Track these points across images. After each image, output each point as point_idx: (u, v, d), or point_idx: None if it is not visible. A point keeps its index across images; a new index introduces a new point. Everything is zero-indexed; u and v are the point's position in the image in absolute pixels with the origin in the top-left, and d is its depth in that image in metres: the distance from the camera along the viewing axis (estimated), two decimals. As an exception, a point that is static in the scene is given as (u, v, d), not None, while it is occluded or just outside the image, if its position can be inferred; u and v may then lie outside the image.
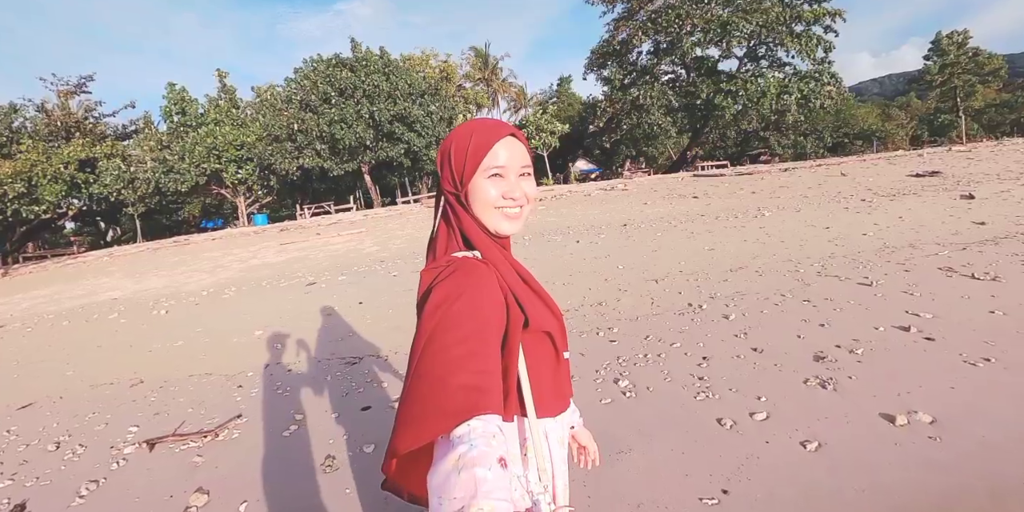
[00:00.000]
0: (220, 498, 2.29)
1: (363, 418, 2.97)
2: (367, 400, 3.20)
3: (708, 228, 7.74)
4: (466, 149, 0.80)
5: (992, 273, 4.34)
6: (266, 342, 4.80)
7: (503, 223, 0.83)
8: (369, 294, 6.47)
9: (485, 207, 0.81)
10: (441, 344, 0.67)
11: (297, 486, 2.33)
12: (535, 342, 0.83)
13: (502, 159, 0.80)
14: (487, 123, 0.83)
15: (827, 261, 5.28)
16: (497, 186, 0.81)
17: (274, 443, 2.79)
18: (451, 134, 0.84)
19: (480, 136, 0.80)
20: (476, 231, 0.82)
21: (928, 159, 15.45)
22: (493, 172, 0.80)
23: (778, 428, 2.39)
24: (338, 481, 2.33)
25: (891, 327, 3.42)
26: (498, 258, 0.82)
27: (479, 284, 0.74)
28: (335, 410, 3.13)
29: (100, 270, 14.90)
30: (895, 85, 68.06)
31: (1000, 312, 3.48)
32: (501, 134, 0.81)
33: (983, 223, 6.48)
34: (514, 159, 0.82)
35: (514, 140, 0.83)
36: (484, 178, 0.80)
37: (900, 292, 4.10)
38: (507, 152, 0.81)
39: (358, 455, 2.54)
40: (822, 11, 21.18)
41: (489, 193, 0.80)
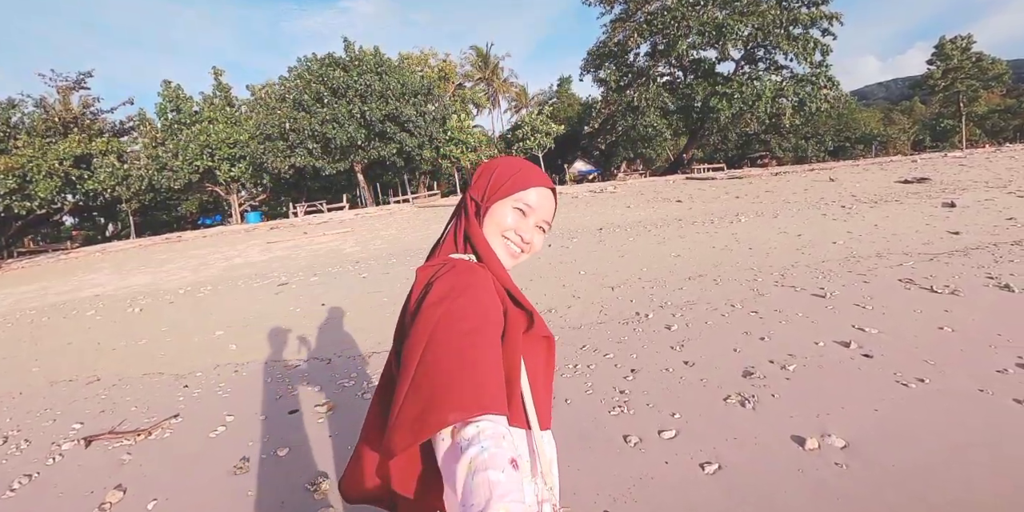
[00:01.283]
0: (134, 496, 2.35)
1: (287, 421, 3.00)
2: (297, 403, 3.24)
3: (681, 233, 7.64)
4: (512, 176, 0.84)
5: (952, 286, 4.24)
6: (223, 342, 4.88)
7: (503, 253, 0.86)
8: (335, 296, 6.49)
9: (495, 230, 0.84)
10: (446, 337, 0.66)
11: (205, 487, 2.37)
12: (533, 348, 0.82)
13: (534, 201, 0.85)
14: (534, 168, 0.88)
15: (788, 270, 5.19)
16: (515, 219, 0.84)
17: (199, 444, 2.84)
18: (499, 161, 0.89)
19: (527, 173, 0.85)
20: (482, 238, 0.84)
21: (921, 165, 15.31)
22: (521, 205, 0.84)
23: (682, 447, 2.31)
24: (243, 483, 2.36)
25: (832, 342, 3.33)
26: (496, 264, 0.82)
27: (478, 283, 0.75)
28: (264, 412, 3.16)
29: (90, 266, 14.95)
30: (900, 89, 67.67)
31: (949, 329, 3.38)
32: (545, 184, 0.87)
33: (957, 233, 6.36)
34: (543, 208, 0.86)
35: (551, 194, 0.88)
36: (509, 205, 0.84)
37: (852, 305, 4.01)
38: (541, 199, 0.86)
39: (270, 458, 2.57)
40: (819, 14, 21.00)
41: (506, 219, 0.84)
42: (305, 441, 2.71)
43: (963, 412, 2.37)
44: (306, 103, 18.36)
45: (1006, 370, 2.73)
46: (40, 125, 24.01)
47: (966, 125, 39.50)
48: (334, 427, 2.86)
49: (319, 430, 2.83)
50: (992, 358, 2.90)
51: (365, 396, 3.23)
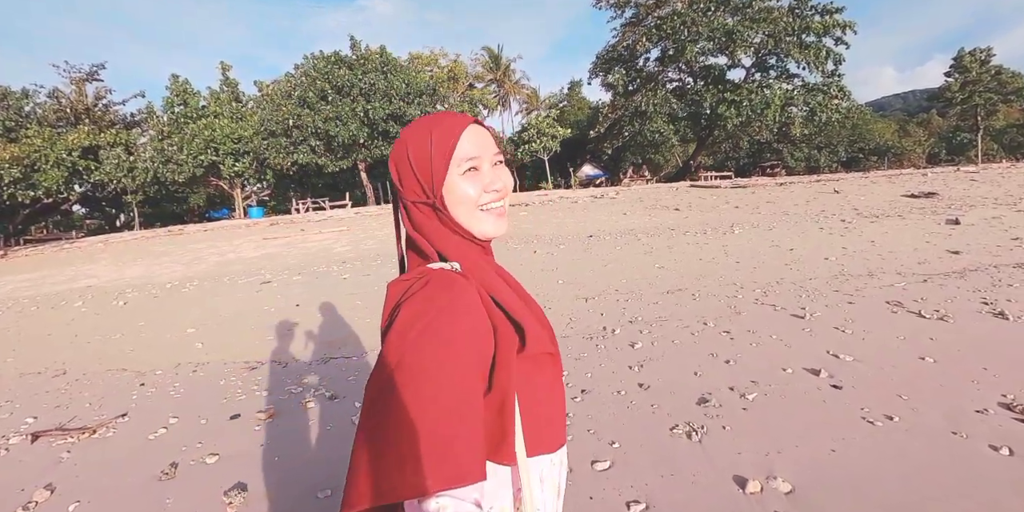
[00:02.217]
0: (59, 496, 2.34)
1: (225, 427, 2.95)
2: (241, 408, 3.19)
3: (670, 244, 7.41)
4: (429, 148, 0.69)
5: (943, 311, 4.00)
6: (192, 341, 4.86)
7: (489, 224, 0.73)
8: (311, 297, 6.43)
9: (468, 209, 0.71)
10: (407, 389, 0.56)
11: (128, 492, 2.34)
12: (534, 367, 0.71)
13: (474, 149, 0.71)
14: (443, 117, 0.73)
15: (772, 287, 4.96)
16: (475, 182, 0.71)
17: (136, 445, 2.81)
18: (403, 137, 0.73)
19: (441, 130, 0.70)
20: (451, 239, 0.72)
21: (930, 179, 14.91)
22: (468, 166, 0.70)
23: (613, 481, 2.12)
24: (165, 490, 2.33)
25: (801, 369, 3.11)
26: (481, 267, 0.71)
27: (454, 304, 0.62)
28: (206, 416, 3.11)
29: (90, 257, 15.05)
30: (918, 101, 66.56)
31: (931, 359, 3.14)
32: (464, 123, 0.71)
33: (957, 252, 6.09)
34: (485, 147, 0.72)
35: (479, 127, 0.73)
36: (459, 176, 0.70)
37: (832, 328, 3.79)
38: (476, 140, 0.71)
39: (198, 465, 2.52)
40: (832, 22, 20.61)
41: (468, 192, 0.70)
42: (236, 449, 2.65)
43: (929, 458, 2.15)
44: (310, 100, 18.35)
45: (986, 410, 2.50)
46: (51, 115, 24.27)
47: (983, 139, 38.64)
48: (267, 436, 2.78)
49: (252, 438, 2.77)
50: (973, 395, 2.67)
51: (308, 405, 3.14)
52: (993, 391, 2.71)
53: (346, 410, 3.02)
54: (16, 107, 23.32)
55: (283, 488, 2.26)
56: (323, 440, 2.70)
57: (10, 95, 23.35)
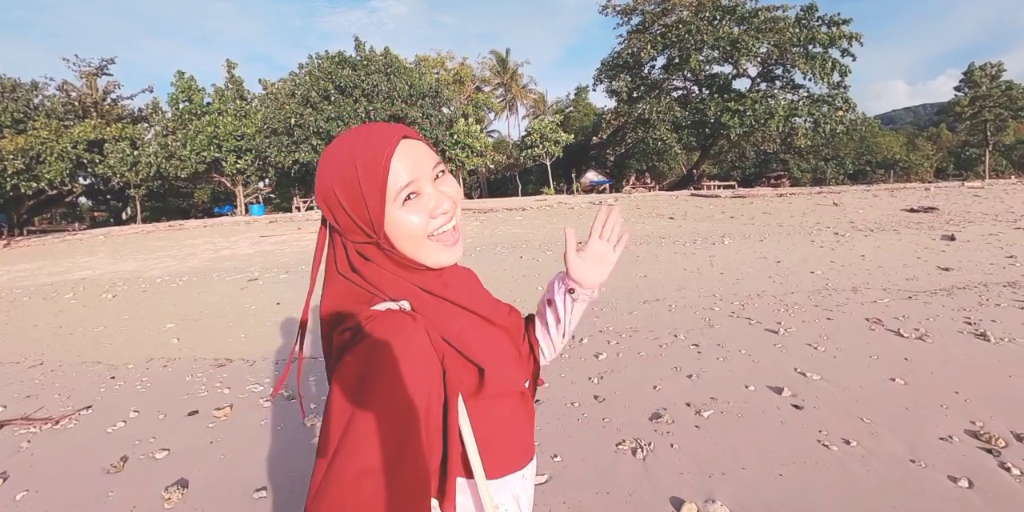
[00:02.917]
0: (11, 485, 2.36)
1: (181, 423, 2.96)
2: (201, 405, 3.20)
3: (657, 253, 7.32)
4: (357, 183, 0.60)
5: (922, 330, 3.89)
6: (169, 336, 4.89)
7: (442, 253, 0.66)
8: (294, 295, 6.44)
9: (415, 241, 0.64)
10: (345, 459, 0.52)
11: (75, 483, 2.36)
12: (493, 407, 0.68)
13: (409, 173, 0.62)
14: (364, 135, 0.62)
15: (751, 300, 4.86)
16: (418, 209, 0.63)
17: (93, 438, 2.83)
18: (324, 168, 0.63)
19: (366, 157, 0.60)
20: (397, 275, 0.66)
21: (933, 193, 14.74)
22: (407, 193, 0.62)
23: (545, 497, 2.03)
24: (109, 483, 2.33)
25: (764, 387, 3.02)
26: (433, 305, 0.65)
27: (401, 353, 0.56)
28: (166, 411, 3.13)
29: (90, 249, 15.19)
30: (928, 115, 66.28)
31: (902, 380, 3.03)
32: (391, 143, 0.61)
33: (948, 269, 5.96)
34: (421, 165, 0.63)
35: (410, 142, 0.63)
36: (398, 208, 0.62)
37: (805, 344, 3.68)
38: (410, 162, 0.62)
39: (146, 460, 2.53)
40: (839, 34, 20.49)
41: (413, 223, 0.63)
42: (186, 445, 2.66)
43: (881, 487, 2.04)
44: (313, 100, 18.41)
45: (950, 438, 2.38)
46: (60, 108, 24.52)
47: (992, 155, 38.29)
48: (219, 433, 2.78)
49: (204, 435, 2.77)
50: (939, 421, 2.56)
51: (265, 404, 3.15)
52: (961, 417, 2.60)
53: (299, 410, 3.04)
54: (25, 99, 23.57)
55: (222, 486, 2.26)
56: (271, 440, 2.69)
57: (20, 87, 23.61)
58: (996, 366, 3.20)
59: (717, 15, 21.20)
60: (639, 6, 23.95)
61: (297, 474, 2.33)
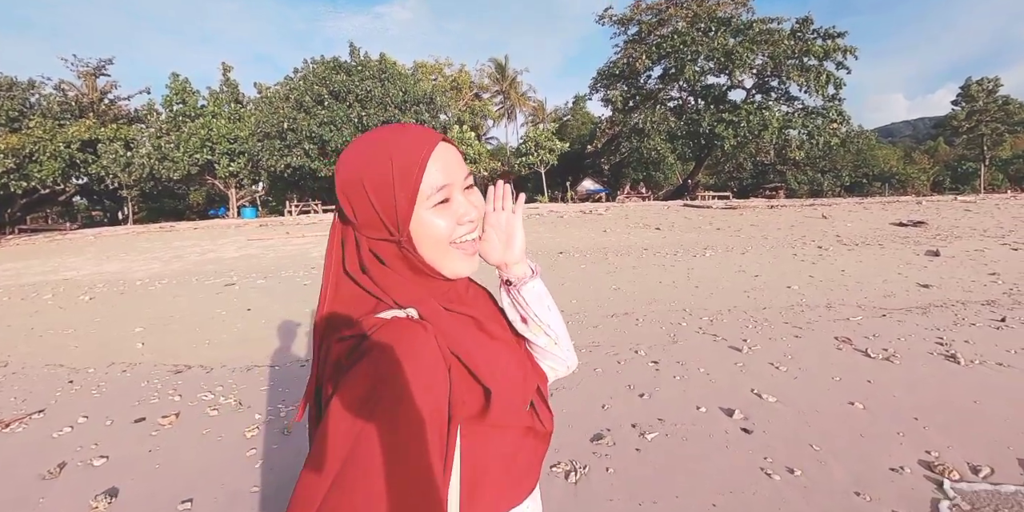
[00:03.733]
0: None
1: (126, 430, 2.92)
2: (150, 411, 3.16)
3: (636, 264, 7.22)
4: (390, 179, 0.58)
5: (891, 350, 3.77)
6: (135, 340, 4.86)
7: (460, 263, 0.64)
8: (266, 302, 6.39)
9: (438, 246, 0.62)
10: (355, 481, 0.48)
11: (8, 488, 2.34)
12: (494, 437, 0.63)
13: (444, 177, 0.60)
14: (403, 137, 0.60)
15: (721, 315, 4.75)
16: (447, 214, 0.62)
17: (38, 442, 2.81)
18: (353, 161, 0.60)
19: (403, 155, 0.58)
20: (412, 280, 0.63)
21: (925, 207, 14.69)
22: (441, 197, 0.60)
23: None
24: (44, 489, 2.31)
25: (716, 408, 2.90)
26: (444, 316, 0.61)
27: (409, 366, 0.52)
28: (114, 418, 3.09)
29: (78, 249, 15.14)
30: (927, 128, 66.68)
31: (860, 405, 2.91)
32: (430, 144, 0.60)
33: (928, 286, 5.86)
34: (456, 172, 0.62)
35: (446, 146, 0.62)
36: (428, 210, 0.60)
37: (767, 363, 3.57)
38: (446, 165, 0.61)
39: (84, 467, 2.50)
40: (834, 46, 20.56)
41: (439, 227, 0.61)
42: (126, 453, 2.63)
43: (816, 524, 1.94)
44: (307, 104, 18.41)
45: (901, 469, 2.26)
46: (56, 107, 24.54)
47: (989, 169, 38.37)
48: (160, 442, 2.75)
49: (145, 443, 2.74)
50: (893, 450, 2.44)
51: (211, 412, 3.09)
52: (917, 446, 2.48)
53: (244, 420, 2.97)
54: (21, 98, 23.59)
55: (151, 496, 2.23)
56: (208, 451, 2.64)
57: (16, 86, 23.64)
58: (962, 391, 3.09)
59: (712, 26, 21.29)
60: (636, 16, 24.07)
61: (227, 488, 2.26)
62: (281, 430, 2.84)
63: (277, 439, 2.73)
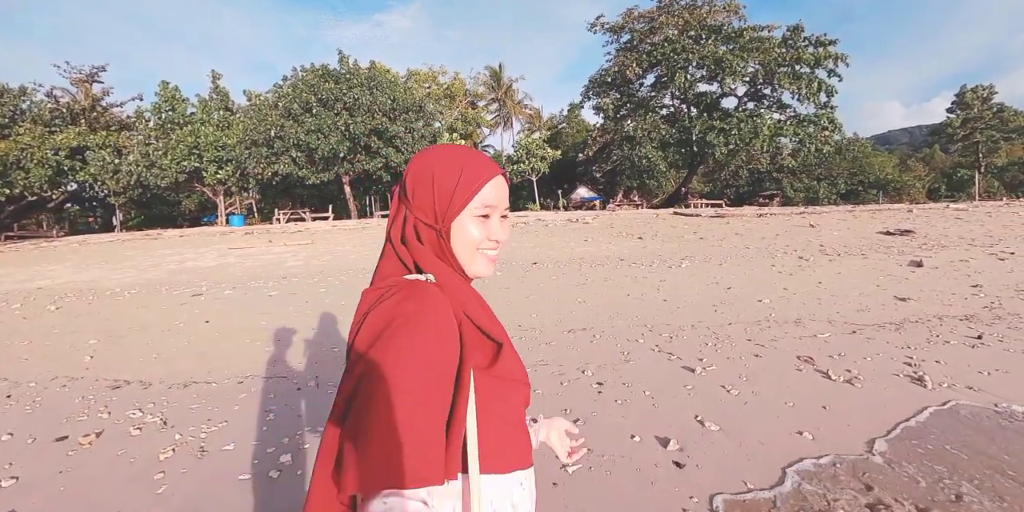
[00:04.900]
0: None
1: (46, 448, 2.82)
2: (74, 429, 3.05)
3: (608, 276, 7.01)
4: (456, 182, 0.72)
5: (855, 372, 3.55)
6: (85, 352, 4.77)
7: (482, 266, 0.77)
8: (226, 313, 6.26)
9: (468, 248, 0.75)
10: (370, 393, 0.59)
11: None
12: (498, 389, 0.71)
13: (493, 199, 0.75)
14: (476, 157, 0.76)
15: (683, 331, 4.53)
16: (483, 227, 0.75)
17: None
18: (432, 158, 0.75)
19: (472, 171, 0.73)
20: (437, 260, 0.74)
21: (915, 215, 14.50)
22: (483, 212, 0.74)
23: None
24: None
25: (652, 437, 2.68)
26: (457, 285, 0.72)
27: (423, 313, 0.64)
28: (37, 435, 2.99)
29: (61, 256, 14.95)
30: (924, 136, 66.59)
31: (809, 435, 2.69)
32: (494, 171, 0.76)
33: (905, 299, 5.64)
34: (502, 199, 0.77)
35: (502, 179, 0.77)
36: (471, 217, 0.74)
37: (719, 385, 3.34)
38: (497, 192, 0.76)
39: None
40: (825, 54, 20.49)
41: (474, 234, 0.74)
42: (38, 474, 2.54)
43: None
44: (295, 112, 18.30)
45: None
46: (47, 114, 24.47)
47: (985, 177, 38.28)
48: (73, 463, 2.64)
49: (59, 464, 2.64)
50: (837, 493, 2.22)
51: (134, 432, 2.98)
52: (860, 484, 2.27)
53: (163, 441, 2.86)
54: (12, 104, 23.53)
55: None
56: (116, 472, 2.52)
57: (8, 92, 23.58)
58: (924, 419, 2.87)
59: (703, 34, 21.25)
60: (628, 24, 24.08)
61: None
62: (196, 452, 2.70)
63: (188, 463, 2.59)
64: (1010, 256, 8.19)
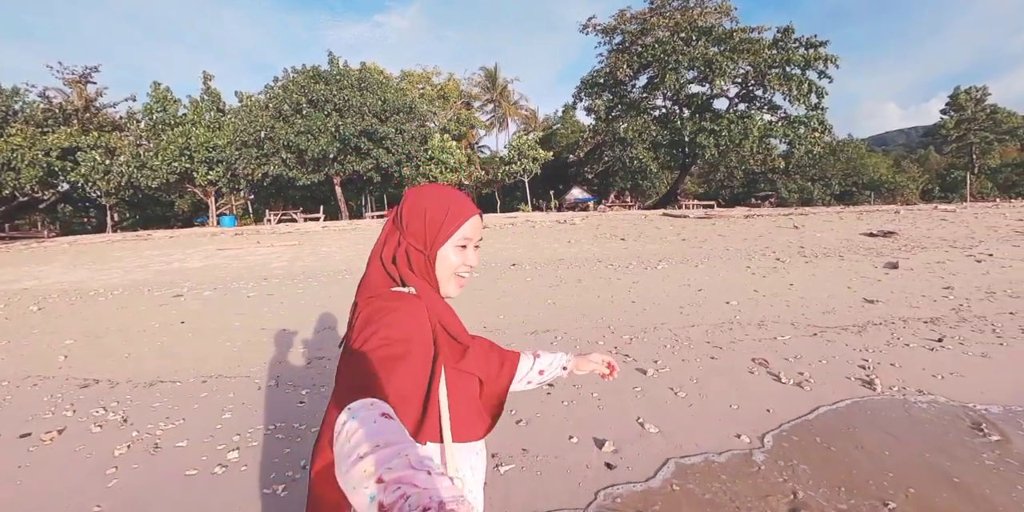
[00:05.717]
0: None
1: (8, 445, 2.86)
2: (39, 426, 3.09)
3: (581, 277, 7.03)
4: (443, 218, 0.91)
5: (807, 374, 3.57)
6: (60, 352, 4.80)
7: (454, 288, 0.96)
8: (203, 314, 6.28)
9: (447, 271, 0.93)
10: (363, 353, 0.76)
11: None
12: (464, 380, 0.91)
13: (471, 233, 0.94)
14: (459, 198, 0.95)
15: (645, 333, 4.55)
16: (460, 255, 0.94)
17: None
18: (423, 197, 0.93)
19: (456, 210, 0.92)
20: (420, 279, 0.91)
21: (902, 217, 14.55)
22: (462, 243, 0.93)
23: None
24: None
25: (590, 439, 2.70)
26: (434, 299, 0.90)
27: (404, 309, 0.84)
28: (4, 432, 3.04)
29: (50, 257, 14.91)
30: (920, 137, 66.89)
31: (746, 437, 2.73)
32: (473, 211, 0.95)
33: (874, 301, 5.67)
34: (477, 233, 0.96)
35: (478, 218, 0.96)
36: (453, 246, 0.92)
37: (667, 388, 3.37)
38: (474, 228, 0.95)
39: None
40: (815, 56, 20.55)
41: (452, 260, 0.93)
42: None
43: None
44: (285, 113, 18.29)
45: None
46: (39, 115, 24.42)
47: (978, 178, 38.37)
48: (33, 459, 2.69)
49: (18, 459, 2.69)
50: (770, 501, 2.25)
51: (94, 429, 3.02)
52: (786, 492, 2.29)
53: (121, 437, 2.89)
54: (4, 105, 23.48)
55: None
56: (72, 467, 2.58)
57: (0, 93, 23.54)
58: (867, 428, 2.89)
59: (693, 36, 21.29)
60: (620, 26, 24.11)
61: (71, 507, 2.21)
62: (150, 449, 2.76)
63: (141, 458, 2.65)
64: (988, 258, 8.23)
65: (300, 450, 2.75)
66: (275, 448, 2.81)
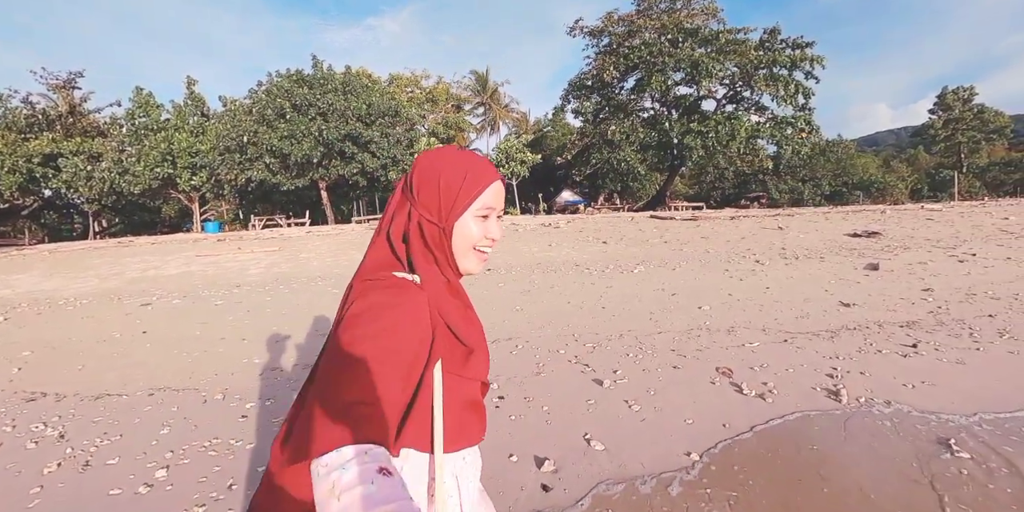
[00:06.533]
0: None
1: None
2: None
3: (555, 282, 6.87)
4: (460, 184, 0.78)
5: (771, 385, 3.41)
6: (14, 364, 4.68)
7: (474, 263, 0.84)
8: (166, 324, 6.10)
9: (466, 245, 0.81)
10: (346, 365, 0.66)
11: None
12: (462, 385, 0.80)
13: (493, 201, 0.81)
14: (478, 161, 0.82)
15: (608, 341, 4.38)
16: (481, 226, 0.81)
17: None
18: (436, 161, 0.81)
19: (475, 175, 0.80)
20: (430, 263, 0.80)
21: (888, 216, 14.50)
22: (483, 213, 0.81)
23: None
24: None
25: (531, 456, 2.53)
26: (439, 289, 0.79)
27: (403, 307, 0.72)
28: None
29: (28, 264, 14.63)
30: (910, 137, 67.26)
31: (695, 454, 2.56)
32: (495, 176, 0.82)
33: (850, 305, 5.53)
34: (500, 202, 0.83)
35: (501, 184, 0.84)
36: (472, 217, 0.80)
37: (622, 400, 3.21)
38: (497, 194, 0.82)
39: None
40: (802, 56, 20.57)
41: (472, 231, 0.80)
42: None
43: None
44: (269, 117, 18.11)
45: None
46: (21, 121, 24.12)
47: (967, 177, 38.62)
48: None
49: None
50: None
51: (30, 445, 2.92)
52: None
53: (54, 454, 2.79)
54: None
55: None
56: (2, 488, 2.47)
57: (-17, 98, 23.23)
58: (822, 443, 2.73)
59: (680, 37, 21.27)
60: (608, 28, 24.08)
61: None
62: (79, 467, 2.63)
63: (69, 477, 2.53)
64: (971, 258, 8.14)
65: (231, 468, 2.60)
66: (205, 466, 2.65)
